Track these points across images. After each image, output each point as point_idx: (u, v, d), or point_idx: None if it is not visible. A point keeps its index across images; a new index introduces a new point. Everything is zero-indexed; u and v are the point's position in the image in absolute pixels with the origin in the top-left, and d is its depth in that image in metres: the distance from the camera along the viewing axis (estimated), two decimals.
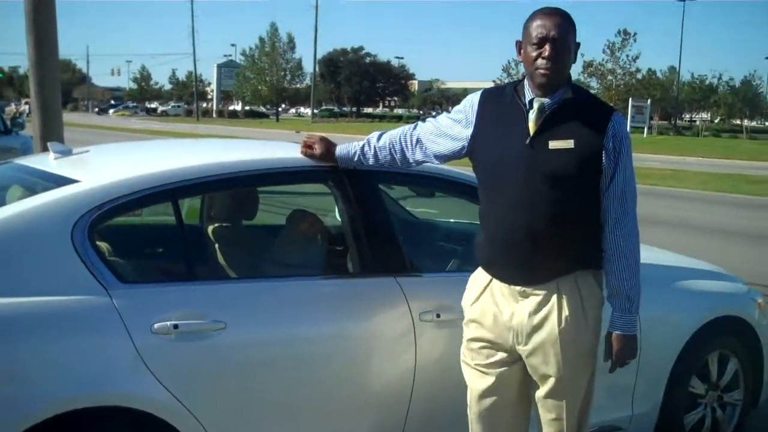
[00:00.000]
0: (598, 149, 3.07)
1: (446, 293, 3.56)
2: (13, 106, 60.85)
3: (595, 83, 72.98)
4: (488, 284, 3.30)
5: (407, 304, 3.61)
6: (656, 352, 4.22)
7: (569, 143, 3.05)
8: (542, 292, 3.17)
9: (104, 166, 3.88)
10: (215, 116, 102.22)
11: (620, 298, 3.17)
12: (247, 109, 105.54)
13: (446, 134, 3.40)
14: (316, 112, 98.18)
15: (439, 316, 3.62)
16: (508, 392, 3.34)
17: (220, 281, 3.71)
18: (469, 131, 3.31)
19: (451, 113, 3.43)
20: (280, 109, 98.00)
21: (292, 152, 3.80)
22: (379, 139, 3.57)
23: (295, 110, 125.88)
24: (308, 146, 3.69)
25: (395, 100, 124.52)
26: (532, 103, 3.14)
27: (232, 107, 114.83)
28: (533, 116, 3.11)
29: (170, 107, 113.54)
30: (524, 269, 3.16)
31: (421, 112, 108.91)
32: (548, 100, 3.12)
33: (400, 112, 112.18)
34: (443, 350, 3.58)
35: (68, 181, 3.38)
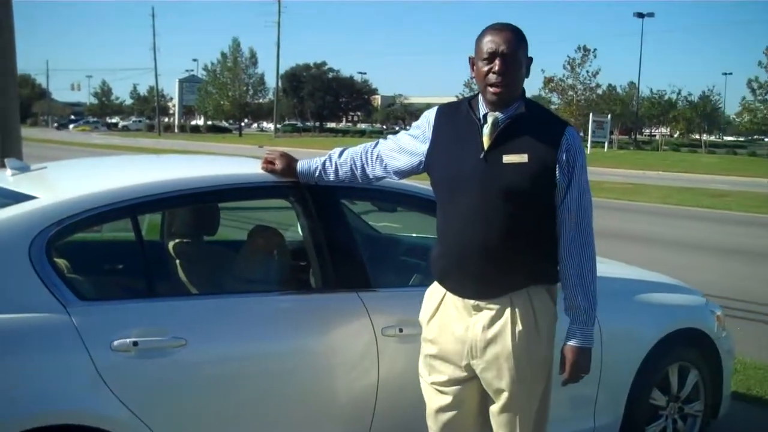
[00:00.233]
0: (552, 163, 3.09)
1: (409, 308, 3.55)
2: None
3: (556, 99, 73.60)
4: (443, 298, 3.32)
5: (369, 319, 3.60)
6: (617, 364, 4.26)
7: (523, 157, 3.07)
8: (495, 306, 3.18)
9: (63, 182, 3.84)
10: (177, 131, 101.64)
11: (577, 310, 3.18)
12: (209, 124, 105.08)
13: (405, 150, 3.42)
14: (279, 127, 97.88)
15: (401, 330, 3.62)
16: (465, 410, 3.36)
17: (180, 297, 3.67)
18: (425, 147, 3.33)
19: (410, 130, 3.45)
20: (242, 123, 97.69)
21: (253, 168, 3.78)
22: (340, 155, 3.57)
23: (257, 125, 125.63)
24: (269, 162, 3.68)
25: (358, 115, 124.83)
26: (486, 117, 3.16)
27: (194, 122, 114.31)
28: (487, 131, 3.13)
29: (131, 122, 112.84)
30: (478, 283, 3.17)
31: (384, 126, 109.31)
32: (502, 114, 3.14)
33: (363, 126, 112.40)
34: (406, 365, 3.58)
35: (26, 197, 3.34)
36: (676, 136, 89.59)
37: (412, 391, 3.49)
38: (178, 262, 4.11)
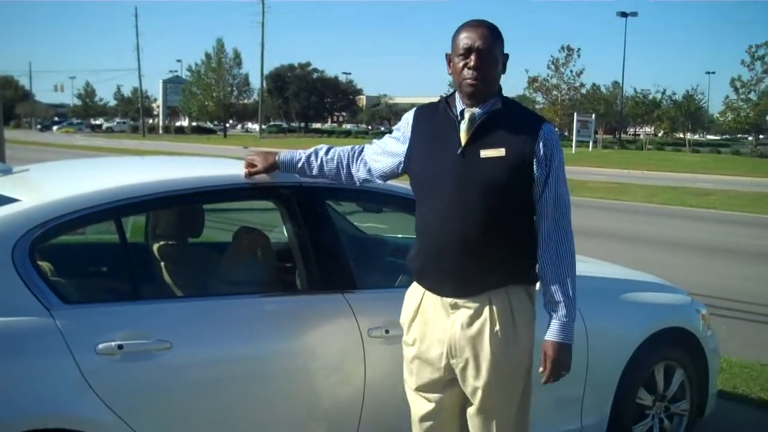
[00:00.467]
0: (529, 157, 3.11)
1: (395, 309, 3.54)
2: None
3: (540, 98, 73.86)
4: (422, 299, 3.33)
5: (355, 320, 3.60)
6: (603, 363, 4.27)
7: (500, 151, 3.09)
8: (473, 305, 3.18)
9: (46, 184, 3.81)
10: (161, 132, 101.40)
11: (557, 306, 3.18)
12: (194, 125, 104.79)
13: (387, 152, 3.45)
14: (264, 127, 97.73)
15: (387, 332, 3.62)
16: (447, 416, 3.37)
17: (165, 300, 3.66)
18: (404, 147, 3.36)
19: (393, 133, 3.48)
20: (227, 124, 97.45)
21: (238, 169, 3.77)
22: (327, 152, 3.59)
23: (242, 126, 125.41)
24: (250, 164, 3.67)
25: (344, 115, 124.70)
26: (463, 113, 3.18)
27: (178, 123, 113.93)
28: (464, 126, 3.16)
29: (115, 123, 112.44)
30: (455, 280, 3.18)
31: (369, 127, 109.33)
32: (478, 110, 3.16)
33: (348, 127, 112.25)
34: (392, 366, 3.57)
35: (8, 200, 3.31)
36: (660, 135, 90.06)
37: (398, 392, 3.49)
38: (162, 264, 4.09)
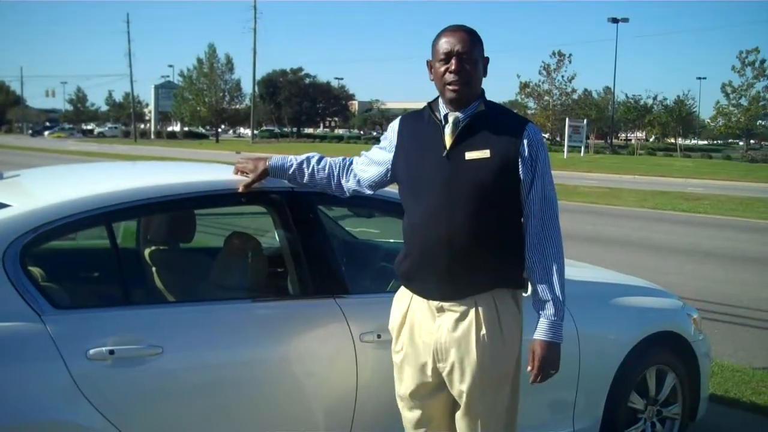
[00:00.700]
0: (514, 157, 3.12)
1: (387, 314, 3.53)
2: None
3: (532, 104, 74.05)
4: (409, 303, 3.34)
5: (347, 325, 3.59)
6: (595, 368, 4.27)
7: (485, 153, 3.11)
8: (460, 308, 3.19)
9: (37, 189, 3.80)
10: (153, 137, 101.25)
11: (545, 304, 3.18)
12: (186, 130, 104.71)
13: (374, 161, 3.49)
14: (256, 132, 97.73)
15: (379, 336, 3.61)
16: (438, 421, 3.39)
17: (156, 305, 3.65)
18: (391, 155, 3.39)
19: (380, 142, 3.51)
20: (219, 130, 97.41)
21: (229, 174, 3.76)
22: (319, 161, 3.60)
23: (234, 131, 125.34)
24: (240, 171, 3.68)
25: (336, 120, 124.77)
26: (447, 117, 3.21)
27: (170, 128, 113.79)
28: (449, 130, 3.18)
29: (107, 129, 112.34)
30: (442, 283, 3.18)
31: (361, 132, 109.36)
32: (462, 113, 3.19)
33: (341, 132, 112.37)
34: (385, 371, 3.56)
35: None
36: (651, 140, 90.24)
37: (390, 397, 3.49)
38: (154, 269, 4.08)
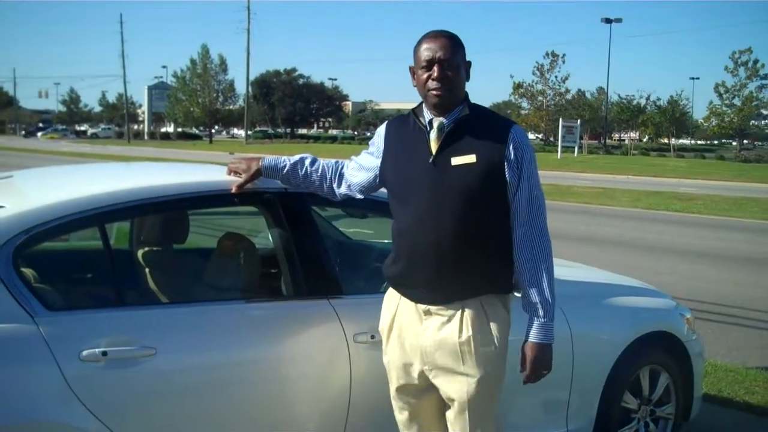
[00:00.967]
0: (500, 161, 3.12)
1: (380, 314, 3.54)
2: None
3: (525, 104, 74.13)
4: (398, 306, 3.35)
5: (341, 326, 3.59)
6: (589, 368, 4.27)
7: (471, 158, 3.11)
8: (447, 312, 3.19)
9: (30, 191, 3.79)
10: (147, 138, 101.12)
11: (534, 306, 3.18)
12: (179, 131, 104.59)
13: (363, 167, 3.50)
14: (249, 133, 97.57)
15: (373, 337, 3.61)
16: (429, 421, 3.41)
17: (150, 306, 3.64)
18: (378, 161, 3.40)
19: (368, 147, 3.51)
20: (213, 130, 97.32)
21: (222, 175, 3.76)
22: (312, 163, 3.60)
23: (228, 132, 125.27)
24: (234, 171, 3.68)
25: (329, 121, 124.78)
26: (431, 123, 3.20)
27: (164, 129, 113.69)
28: (434, 135, 3.18)
29: (100, 129, 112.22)
30: (429, 287, 3.19)
31: (355, 132, 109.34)
32: (446, 119, 3.19)
33: (334, 132, 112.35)
34: (378, 372, 3.56)
35: None
36: (645, 140, 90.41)
37: (384, 397, 3.49)
38: (147, 270, 4.07)
